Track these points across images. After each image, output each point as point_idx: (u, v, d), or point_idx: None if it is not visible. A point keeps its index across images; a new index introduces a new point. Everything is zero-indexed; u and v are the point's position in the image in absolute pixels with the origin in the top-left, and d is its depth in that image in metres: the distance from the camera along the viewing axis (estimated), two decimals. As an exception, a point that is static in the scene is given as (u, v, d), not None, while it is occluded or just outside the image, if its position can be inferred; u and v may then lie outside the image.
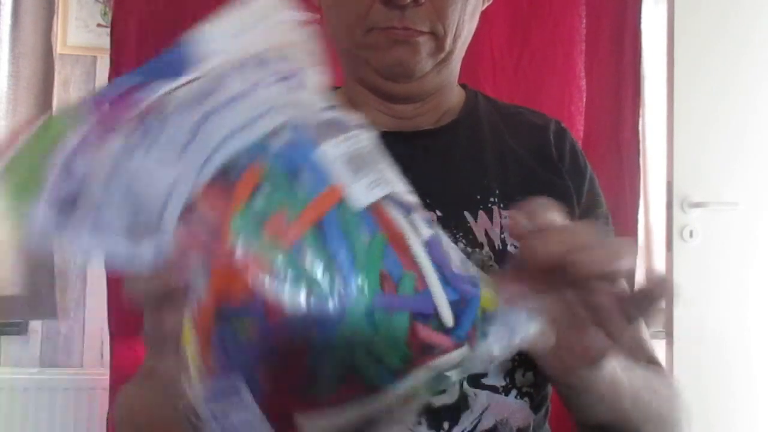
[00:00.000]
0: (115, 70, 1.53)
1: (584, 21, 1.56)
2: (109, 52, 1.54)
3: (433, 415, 0.58)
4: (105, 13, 1.85)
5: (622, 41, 1.65)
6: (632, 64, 1.65)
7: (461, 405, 0.59)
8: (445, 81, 0.69)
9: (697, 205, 1.73)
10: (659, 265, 1.96)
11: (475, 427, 0.59)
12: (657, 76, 1.84)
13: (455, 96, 0.73)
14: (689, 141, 1.73)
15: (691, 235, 1.73)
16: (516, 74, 1.54)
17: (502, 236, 0.63)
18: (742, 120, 1.76)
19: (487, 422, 0.59)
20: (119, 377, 1.53)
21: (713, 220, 1.74)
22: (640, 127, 1.66)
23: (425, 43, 0.61)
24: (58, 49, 1.86)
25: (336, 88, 0.75)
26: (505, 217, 0.64)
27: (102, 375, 1.72)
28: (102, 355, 1.83)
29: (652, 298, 0.41)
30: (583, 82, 1.55)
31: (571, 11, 1.53)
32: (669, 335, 1.73)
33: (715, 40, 1.76)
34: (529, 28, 1.52)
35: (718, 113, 1.74)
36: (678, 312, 1.72)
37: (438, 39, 0.62)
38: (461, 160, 0.68)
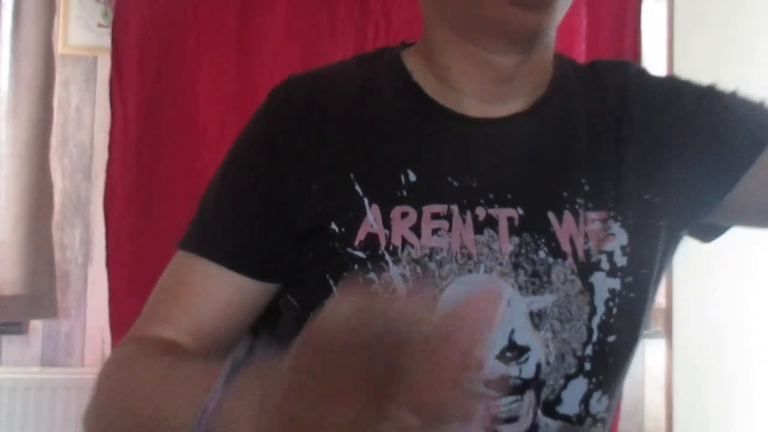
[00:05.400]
0: (116, 71, 1.54)
1: (584, 21, 1.56)
2: (110, 53, 1.55)
3: None
4: (106, 14, 1.85)
5: (622, 41, 1.65)
6: (632, 64, 1.65)
7: None
8: (554, 31, 0.61)
9: (697, 204, 1.73)
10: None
11: None
12: (657, 76, 1.84)
13: (549, 64, 0.64)
14: (689, 141, 1.73)
15: (690, 234, 1.73)
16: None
17: (587, 246, 0.57)
18: (742, 120, 1.77)
19: None
20: (120, 377, 1.53)
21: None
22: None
23: None
24: (59, 49, 1.86)
25: (406, 46, 0.67)
26: (593, 221, 0.58)
27: (103, 374, 1.73)
28: (103, 355, 1.84)
29: None
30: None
31: (571, 11, 1.53)
32: (669, 335, 1.73)
33: (715, 40, 1.76)
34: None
35: (718, 113, 1.74)
36: (678, 312, 1.73)
37: None
38: (550, 150, 0.60)
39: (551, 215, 0.57)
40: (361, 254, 0.55)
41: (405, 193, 0.56)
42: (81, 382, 1.79)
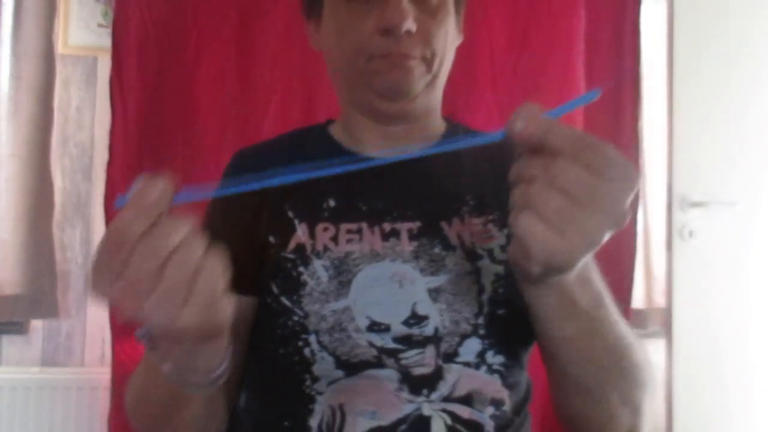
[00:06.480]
0: (116, 71, 1.54)
1: (583, 22, 1.56)
2: (110, 53, 1.55)
3: (413, 383, 0.68)
4: (106, 14, 1.85)
5: (621, 42, 1.65)
6: (631, 65, 1.66)
7: (436, 376, 0.69)
8: (432, 105, 0.80)
9: (697, 204, 1.73)
10: (659, 265, 1.97)
11: (451, 393, 0.68)
12: (657, 76, 1.85)
13: (438, 123, 0.84)
14: (688, 141, 1.73)
15: (690, 234, 1.74)
16: (515, 75, 1.54)
17: (471, 240, 0.74)
18: (741, 120, 1.77)
19: (462, 390, 0.69)
20: (121, 376, 1.53)
21: (712, 219, 1.74)
22: (639, 128, 1.67)
23: (417, 66, 0.73)
24: (59, 49, 1.86)
25: (331, 121, 0.88)
26: (476, 224, 0.74)
27: (103, 374, 1.73)
28: (103, 355, 1.84)
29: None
30: (583, 83, 1.56)
31: (571, 12, 1.53)
32: (669, 335, 1.74)
33: (715, 40, 1.76)
34: (529, 29, 1.52)
35: (718, 113, 1.74)
36: (677, 311, 1.73)
37: (427, 62, 0.74)
38: (441, 178, 0.78)
39: (443, 224, 0.74)
40: (291, 256, 0.72)
41: (326, 214, 0.74)
42: (81, 382, 1.79)
